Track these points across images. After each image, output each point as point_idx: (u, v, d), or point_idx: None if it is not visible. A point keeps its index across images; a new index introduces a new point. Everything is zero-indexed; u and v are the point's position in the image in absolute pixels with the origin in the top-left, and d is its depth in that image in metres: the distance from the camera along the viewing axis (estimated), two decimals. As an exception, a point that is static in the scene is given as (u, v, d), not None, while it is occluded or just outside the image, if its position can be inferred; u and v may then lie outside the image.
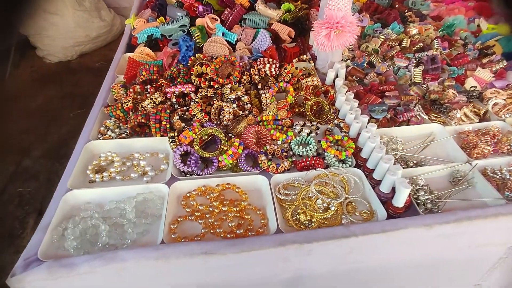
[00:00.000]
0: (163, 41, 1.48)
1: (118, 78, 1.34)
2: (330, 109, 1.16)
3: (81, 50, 3.64)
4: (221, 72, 1.22)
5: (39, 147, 2.66)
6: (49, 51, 3.52)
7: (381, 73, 1.34)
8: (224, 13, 1.53)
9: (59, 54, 3.55)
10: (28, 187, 2.44)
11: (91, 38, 3.62)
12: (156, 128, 1.06)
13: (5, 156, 2.61)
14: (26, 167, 2.53)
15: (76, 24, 3.44)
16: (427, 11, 1.82)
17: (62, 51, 3.54)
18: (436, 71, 1.29)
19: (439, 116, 1.16)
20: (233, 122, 1.10)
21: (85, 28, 3.51)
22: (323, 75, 1.39)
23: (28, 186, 2.44)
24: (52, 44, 3.46)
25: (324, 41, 1.22)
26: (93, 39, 3.65)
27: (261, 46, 1.42)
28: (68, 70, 3.53)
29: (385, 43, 1.47)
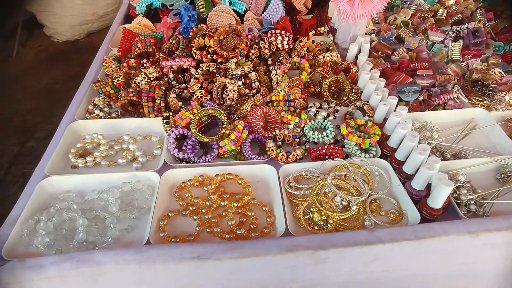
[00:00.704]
0: (164, 11, 1.33)
1: (112, 51, 1.20)
2: (351, 89, 0.99)
3: (88, 28, 3.52)
4: (225, 44, 1.06)
5: (44, 128, 2.59)
6: (56, 29, 3.41)
7: (412, 49, 1.15)
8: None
9: (67, 33, 3.44)
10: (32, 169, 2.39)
11: (98, 16, 3.48)
12: (149, 107, 0.92)
13: (9, 136, 2.55)
14: (31, 147, 2.47)
15: (83, 1, 3.31)
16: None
17: (69, 30, 3.43)
18: (478, 46, 1.10)
19: (483, 99, 0.97)
20: (238, 102, 0.95)
21: (92, 5, 3.38)
22: (344, 50, 1.21)
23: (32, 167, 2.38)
24: (59, 22, 3.35)
25: (347, 9, 1.04)
26: (100, 17, 3.52)
27: (273, 17, 1.25)
28: (76, 50, 3.43)
29: (417, 14, 1.27)
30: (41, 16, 3.37)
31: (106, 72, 1.08)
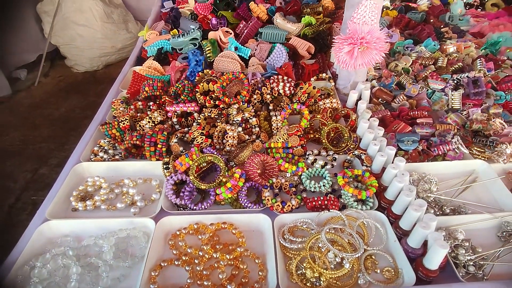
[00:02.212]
0: (173, 55, 1.40)
1: (121, 93, 1.26)
2: (350, 137, 1.00)
3: (106, 60, 3.70)
4: (228, 90, 1.10)
5: (57, 156, 2.68)
6: (76, 61, 3.61)
7: (412, 96, 1.16)
8: (239, 26, 1.43)
9: (86, 64, 3.63)
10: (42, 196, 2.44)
11: (117, 49, 3.68)
12: (151, 151, 0.95)
13: (24, 162, 2.64)
14: (42, 175, 2.54)
15: (104, 35, 3.51)
16: (467, 27, 1.62)
17: (88, 62, 3.62)
18: (479, 96, 1.10)
19: (483, 150, 0.97)
20: (237, 148, 0.97)
21: (112, 39, 3.58)
22: (345, 95, 1.24)
23: (43, 194, 2.44)
24: (80, 55, 3.55)
25: (346, 59, 1.07)
26: (118, 50, 3.71)
27: (276, 62, 1.30)
28: (93, 80, 3.60)
29: (418, 61, 1.30)
30: (64, 49, 3.59)
31: (113, 114, 1.13)
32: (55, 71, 3.73)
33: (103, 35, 3.51)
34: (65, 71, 3.74)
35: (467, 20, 1.65)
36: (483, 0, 1.79)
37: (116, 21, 3.60)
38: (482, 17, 1.66)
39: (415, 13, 1.65)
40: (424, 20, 1.62)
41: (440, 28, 1.56)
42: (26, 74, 3.48)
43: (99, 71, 3.72)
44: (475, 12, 1.70)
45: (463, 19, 1.66)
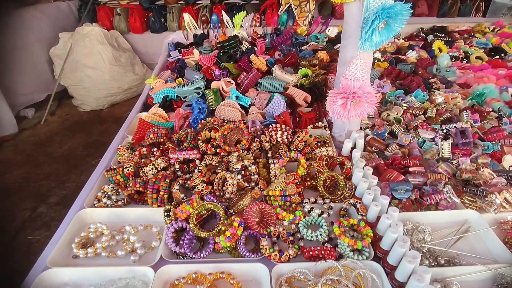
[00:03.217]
0: (178, 102, 1.48)
1: (127, 138, 1.32)
2: (345, 185, 1.04)
3: (112, 100, 3.85)
4: (229, 138, 1.16)
5: (57, 194, 2.69)
6: (83, 101, 3.75)
7: (404, 145, 1.22)
8: (240, 76, 1.53)
9: (92, 103, 3.77)
10: (39, 235, 2.42)
11: (123, 89, 3.84)
12: (153, 198, 0.98)
13: (24, 200, 2.64)
14: (41, 213, 2.53)
15: (111, 77, 3.69)
16: (453, 78, 1.73)
17: (95, 101, 3.76)
18: (467, 146, 1.16)
19: (474, 200, 1.00)
20: (237, 196, 1.01)
21: (118, 81, 3.75)
22: (340, 143, 1.29)
23: (39, 234, 2.42)
24: (87, 95, 3.70)
25: (340, 111, 1.14)
26: (124, 91, 3.87)
27: (274, 111, 1.38)
28: (98, 119, 3.71)
29: (408, 111, 1.38)
30: (72, 89, 3.74)
31: (118, 160, 1.18)
32: (61, 110, 3.86)
33: (111, 77, 3.68)
34: (71, 110, 3.87)
35: (454, 71, 1.77)
36: (468, 53, 1.93)
37: (123, 64, 3.79)
38: (467, 69, 1.78)
39: (405, 65, 1.76)
40: (413, 72, 1.73)
41: (429, 79, 1.66)
42: (34, 112, 3.60)
43: (104, 110, 3.85)
44: (461, 65, 1.82)
45: (449, 70, 1.78)
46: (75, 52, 3.60)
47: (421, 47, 1.99)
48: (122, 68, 3.76)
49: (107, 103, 3.83)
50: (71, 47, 3.62)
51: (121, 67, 3.74)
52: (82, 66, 3.58)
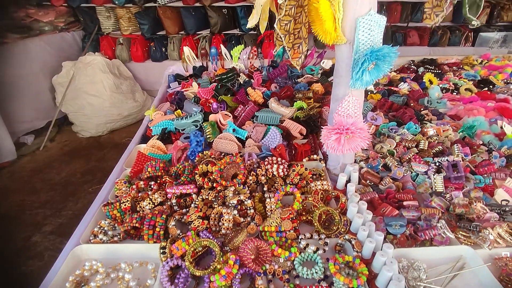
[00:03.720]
0: (176, 135, 1.51)
1: (125, 171, 1.34)
2: (341, 220, 1.05)
3: (112, 127, 3.89)
4: (226, 172, 1.18)
5: (52, 223, 2.66)
6: (83, 127, 3.79)
7: (398, 179, 1.24)
8: (238, 109, 1.58)
9: (92, 130, 3.81)
10: (31, 266, 2.37)
11: (122, 116, 3.89)
12: (149, 234, 0.99)
13: (17, 229, 2.61)
14: (34, 243, 2.49)
15: (112, 104, 3.75)
16: (444, 110, 1.79)
17: (94, 128, 3.80)
18: (459, 180, 1.18)
19: (468, 235, 1.01)
20: (232, 232, 1.01)
21: (119, 108, 3.81)
22: (335, 176, 1.32)
23: (32, 264, 2.37)
24: (87, 121, 3.74)
25: (334, 145, 1.17)
26: (124, 117, 3.92)
27: (271, 144, 1.41)
28: (97, 145, 3.73)
29: (401, 144, 1.41)
30: (72, 116, 3.79)
31: (116, 193, 1.19)
32: (61, 136, 3.89)
33: (111, 104, 3.75)
34: (70, 136, 3.90)
35: (445, 103, 1.83)
36: (458, 85, 2.00)
37: (124, 91, 3.87)
38: (457, 100, 1.83)
39: (397, 97, 1.82)
40: (406, 103, 1.79)
41: (421, 110, 1.71)
42: (33, 139, 3.62)
43: (104, 136, 3.88)
44: (451, 96, 1.88)
45: (440, 102, 1.83)
46: (77, 80, 3.69)
47: (412, 79, 2.06)
48: (123, 96, 3.83)
49: (107, 129, 3.87)
50: (73, 75, 3.72)
51: (121, 94, 3.82)
52: (83, 94, 3.65)
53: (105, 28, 4.08)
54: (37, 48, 3.54)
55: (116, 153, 3.56)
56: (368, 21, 1.01)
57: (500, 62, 2.20)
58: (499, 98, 1.79)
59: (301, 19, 1.09)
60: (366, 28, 1.02)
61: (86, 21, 4.01)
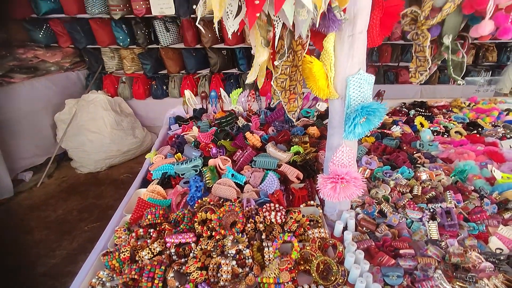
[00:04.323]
0: (176, 179, 1.55)
1: (125, 217, 1.35)
2: (338, 270, 1.06)
3: (110, 162, 3.92)
4: (225, 220, 1.20)
5: (44, 264, 2.60)
6: (82, 163, 3.82)
7: (394, 226, 1.27)
8: (236, 154, 1.63)
9: (91, 166, 3.83)
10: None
11: (122, 152, 3.93)
12: (148, 287, 0.99)
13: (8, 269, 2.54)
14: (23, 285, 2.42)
15: (112, 141, 3.81)
16: (436, 152, 1.85)
17: (93, 164, 3.82)
18: (453, 228, 1.21)
19: (465, 286, 1.02)
20: (231, 284, 1.02)
21: (118, 144, 3.86)
22: (332, 222, 1.34)
23: (19, 310, 2.29)
24: (86, 158, 3.78)
25: (330, 193, 1.21)
26: (123, 153, 3.96)
27: (268, 189, 1.44)
28: (95, 181, 3.74)
29: (396, 189, 1.45)
30: (72, 152, 3.83)
31: (115, 242, 1.20)
32: (59, 172, 3.90)
33: (111, 140, 3.80)
34: (68, 172, 3.91)
35: (436, 145, 1.89)
36: (448, 128, 2.08)
37: (124, 128, 3.95)
38: (448, 143, 1.90)
39: (391, 140, 1.89)
40: (399, 147, 1.85)
41: (413, 154, 1.77)
42: (32, 176, 3.63)
43: (102, 172, 3.89)
44: (442, 139, 1.96)
45: (432, 145, 1.90)
46: (79, 117, 3.77)
47: (404, 122, 2.15)
48: (123, 132, 3.90)
49: (105, 165, 3.89)
50: (75, 112, 3.81)
51: (122, 131, 3.89)
52: (85, 130, 3.72)
53: (109, 68, 4.24)
54: (42, 87, 3.67)
55: (115, 189, 3.56)
56: (358, 80, 1.10)
57: (487, 105, 2.30)
58: (488, 141, 1.86)
59: (296, 77, 1.17)
60: (357, 86, 1.10)
61: (91, 61, 4.19)
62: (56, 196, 3.47)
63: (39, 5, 3.73)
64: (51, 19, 3.90)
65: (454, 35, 1.04)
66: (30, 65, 3.67)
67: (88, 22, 3.91)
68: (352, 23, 1.03)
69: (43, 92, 3.68)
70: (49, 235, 2.92)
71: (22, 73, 3.51)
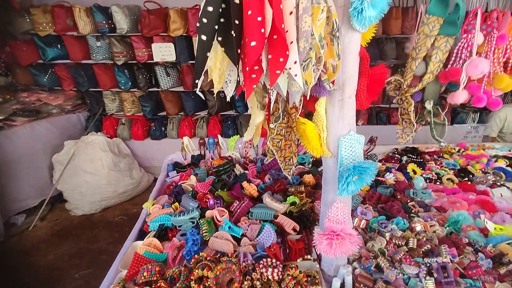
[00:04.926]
0: (173, 230, 1.55)
1: (120, 273, 1.33)
2: (336, 333, 1.04)
3: (106, 204, 3.88)
4: (221, 278, 1.19)
5: (30, 316, 2.48)
6: (77, 205, 3.78)
7: (391, 282, 1.26)
8: (233, 205, 1.65)
9: (85, 208, 3.79)
10: None
11: (117, 193, 3.92)
12: None
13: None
14: None
15: (108, 182, 3.81)
16: (430, 201, 1.88)
17: (88, 205, 3.78)
18: (449, 285, 1.21)
19: None
20: None
21: (114, 185, 3.86)
22: (329, 277, 1.33)
23: None
24: (81, 199, 3.75)
25: (326, 249, 1.22)
26: (119, 194, 3.94)
27: (265, 242, 1.44)
28: (89, 224, 3.68)
29: (391, 242, 1.46)
30: (67, 194, 3.80)
31: (110, 303, 1.18)
32: (52, 214, 3.84)
33: (108, 181, 3.80)
34: (62, 214, 3.86)
35: (429, 193, 1.93)
36: (440, 175, 2.13)
37: (122, 169, 3.97)
38: (441, 191, 1.94)
39: (385, 188, 1.93)
40: (393, 195, 1.89)
41: (407, 202, 1.80)
42: (24, 219, 3.57)
43: (96, 214, 3.84)
44: (435, 186, 2.00)
45: (425, 192, 1.94)
46: (77, 158, 3.80)
47: (397, 169, 2.20)
48: (120, 173, 3.92)
49: (100, 207, 3.85)
50: (74, 153, 3.84)
51: (119, 172, 3.91)
52: (81, 172, 3.73)
53: (110, 110, 4.36)
54: (43, 130, 3.73)
55: (108, 232, 3.49)
56: (349, 140, 1.16)
57: (475, 152, 2.38)
58: (479, 189, 1.91)
59: (291, 137, 1.24)
60: (348, 146, 1.16)
61: (92, 104, 4.31)
62: (48, 241, 3.39)
63: (46, 52, 3.92)
64: (56, 65, 4.08)
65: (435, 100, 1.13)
66: (33, 108, 3.77)
67: (92, 67, 4.08)
68: (341, 89, 1.12)
69: (43, 134, 3.74)
70: (36, 284, 2.81)
71: (25, 116, 3.59)
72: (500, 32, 1.00)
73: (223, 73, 0.97)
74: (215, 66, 0.96)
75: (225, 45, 0.92)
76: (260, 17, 0.82)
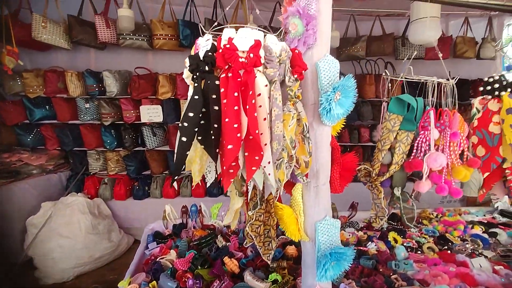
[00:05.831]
0: (148, 317, 1.46)
1: None
2: None
3: (80, 271, 3.63)
4: None
5: None
6: (47, 273, 3.51)
7: None
8: (214, 284, 1.59)
9: (56, 276, 3.52)
10: None
11: (93, 258, 3.69)
12: None
13: None
14: None
15: (84, 246, 3.61)
16: (412, 272, 1.87)
17: (60, 273, 3.52)
18: None
19: None
20: None
21: (91, 249, 3.65)
22: None
23: None
24: (52, 267, 3.50)
25: None
26: (95, 260, 3.71)
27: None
28: (59, 294, 3.39)
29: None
30: (38, 260, 3.55)
31: None
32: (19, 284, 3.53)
33: (84, 245, 3.61)
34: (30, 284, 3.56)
35: (411, 264, 1.93)
36: (420, 243, 2.16)
37: (100, 231, 3.81)
38: (422, 261, 1.95)
39: (367, 259, 1.92)
40: (375, 268, 1.88)
41: (390, 276, 1.79)
42: (-13, 292, 3.27)
43: (68, 282, 3.56)
44: (416, 256, 2.01)
45: (407, 263, 1.94)
46: (53, 221, 3.64)
47: (378, 237, 2.22)
48: (98, 236, 3.74)
49: (73, 275, 3.58)
50: (50, 215, 3.69)
51: (97, 235, 3.73)
52: (56, 235, 3.54)
53: (93, 169, 4.31)
54: (21, 192, 3.62)
55: (79, 306, 3.22)
56: (325, 225, 1.20)
57: (452, 218, 2.45)
58: (459, 260, 1.93)
59: (270, 222, 1.27)
60: (325, 231, 1.20)
61: (76, 163, 4.26)
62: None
63: (34, 112, 3.97)
64: (43, 125, 4.10)
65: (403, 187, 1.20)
66: (12, 168, 3.70)
67: (78, 127, 4.13)
68: (316, 177, 1.18)
69: (20, 195, 3.61)
70: None
71: (3, 177, 3.50)
72: (452, 130, 1.12)
73: (202, 167, 1.02)
74: (195, 161, 1.02)
75: (204, 143, 0.98)
76: (236, 124, 0.90)
